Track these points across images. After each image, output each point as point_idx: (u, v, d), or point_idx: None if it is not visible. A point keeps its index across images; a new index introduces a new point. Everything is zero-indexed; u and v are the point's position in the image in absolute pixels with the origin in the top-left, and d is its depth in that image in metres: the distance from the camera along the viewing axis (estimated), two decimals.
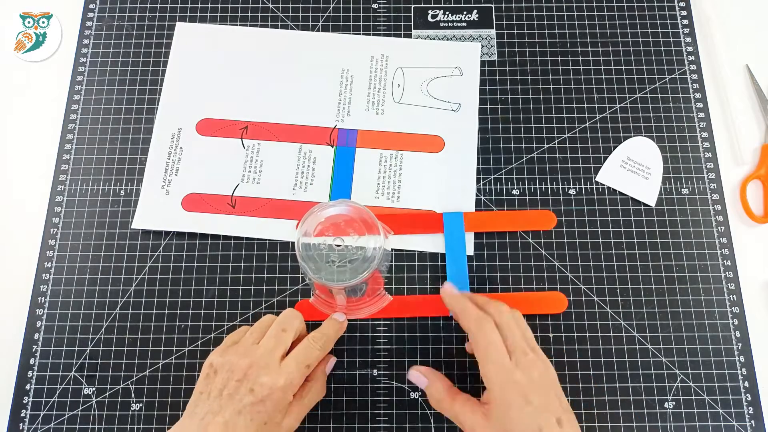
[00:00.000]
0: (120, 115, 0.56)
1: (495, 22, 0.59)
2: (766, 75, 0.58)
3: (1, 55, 0.58)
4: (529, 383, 0.38)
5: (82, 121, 0.56)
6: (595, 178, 0.54)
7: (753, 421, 0.48)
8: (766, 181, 0.54)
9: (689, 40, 0.58)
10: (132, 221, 0.53)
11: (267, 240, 0.52)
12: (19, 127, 0.56)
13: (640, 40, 0.58)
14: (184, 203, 0.53)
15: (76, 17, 0.59)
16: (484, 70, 0.57)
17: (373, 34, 0.59)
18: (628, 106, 0.56)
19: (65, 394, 0.48)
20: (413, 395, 0.49)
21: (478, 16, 0.59)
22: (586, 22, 0.59)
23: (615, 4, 0.59)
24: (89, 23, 0.59)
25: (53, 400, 0.48)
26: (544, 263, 0.52)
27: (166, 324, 0.50)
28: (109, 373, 0.49)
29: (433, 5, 0.60)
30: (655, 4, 0.60)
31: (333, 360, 0.47)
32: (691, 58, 0.58)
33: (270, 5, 0.60)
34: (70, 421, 0.48)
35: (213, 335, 0.50)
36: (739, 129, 0.56)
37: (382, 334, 0.50)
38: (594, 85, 0.57)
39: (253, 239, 0.52)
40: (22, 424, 0.48)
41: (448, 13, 0.59)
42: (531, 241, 0.52)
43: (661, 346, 0.50)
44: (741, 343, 0.50)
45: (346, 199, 0.51)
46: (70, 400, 0.48)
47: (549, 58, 0.58)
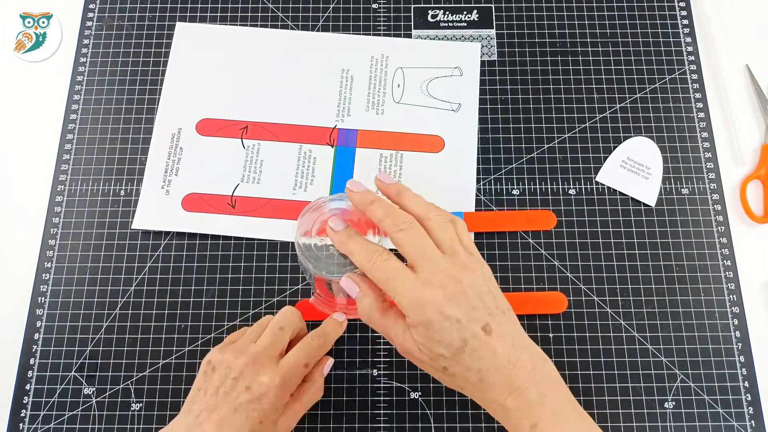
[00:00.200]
0: (120, 115, 0.56)
1: (495, 22, 0.59)
2: (766, 75, 0.58)
3: (1, 55, 0.58)
4: (446, 294, 0.35)
5: (82, 121, 0.56)
6: (595, 178, 0.54)
7: (753, 421, 0.48)
8: (766, 181, 0.54)
9: (689, 40, 0.58)
10: (132, 221, 0.53)
11: (267, 240, 0.52)
12: (19, 127, 0.56)
13: (640, 40, 0.58)
14: (184, 203, 0.53)
15: (76, 17, 0.59)
16: (484, 70, 0.57)
17: (373, 34, 0.59)
18: (628, 106, 0.56)
19: (65, 394, 0.48)
20: (413, 395, 0.49)
21: (478, 16, 0.59)
22: (586, 22, 0.59)
23: (615, 4, 0.59)
24: (89, 23, 0.59)
25: (53, 400, 0.48)
26: (544, 263, 0.52)
27: (166, 324, 0.50)
28: (109, 373, 0.49)
29: (433, 5, 0.60)
30: (655, 4, 0.60)
31: (330, 361, 0.47)
32: (691, 58, 0.58)
33: (270, 5, 0.60)
34: (70, 421, 0.48)
35: (213, 335, 0.50)
36: (739, 129, 0.56)
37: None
38: (594, 85, 0.57)
39: (253, 239, 0.52)
40: (22, 424, 0.48)
41: (448, 13, 0.59)
42: (531, 241, 0.52)
43: (661, 346, 0.50)
44: (741, 343, 0.50)
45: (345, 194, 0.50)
46: (70, 400, 0.48)
47: (549, 58, 0.58)
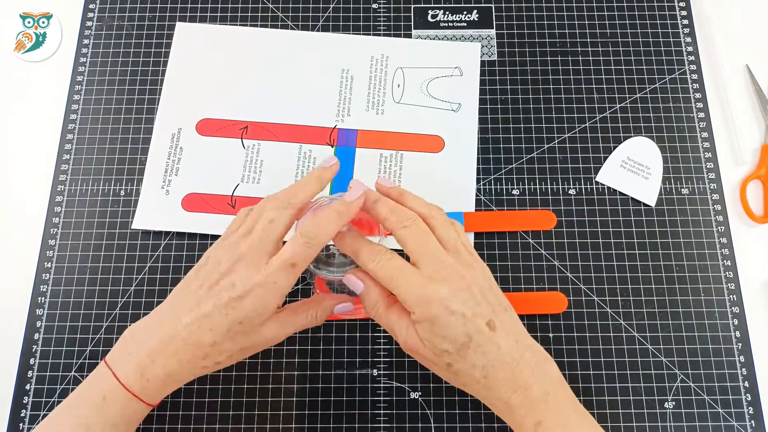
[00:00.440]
0: (120, 115, 0.56)
1: (495, 22, 0.59)
2: (766, 75, 0.58)
3: (1, 55, 0.58)
4: (451, 291, 0.37)
5: (82, 121, 0.56)
6: (595, 178, 0.54)
7: (753, 421, 0.48)
8: (766, 181, 0.54)
9: (689, 40, 0.58)
10: (132, 221, 0.53)
11: None
12: (19, 127, 0.56)
13: (640, 40, 0.58)
14: (184, 203, 0.53)
15: (76, 17, 0.59)
16: (484, 70, 0.57)
17: (373, 34, 0.59)
18: (628, 106, 0.56)
19: (65, 394, 0.48)
20: (413, 395, 0.49)
21: (478, 16, 0.59)
22: (586, 22, 0.59)
23: (615, 4, 0.59)
24: (89, 23, 0.59)
25: (53, 400, 0.48)
26: (544, 263, 0.52)
27: None
28: None
29: (433, 5, 0.60)
30: (655, 4, 0.60)
31: (350, 305, 0.43)
32: (691, 58, 0.58)
33: (270, 5, 0.60)
34: None
35: None
36: (739, 129, 0.56)
37: (382, 334, 0.50)
38: (594, 85, 0.57)
39: None
40: (22, 424, 0.48)
41: (448, 13, 0.59)
42: (531, 241, 0.52)
43: (661, 346, 0.50)
44: (741, 343, 0.50)
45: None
46: None
47: (549, 58, 0.58)
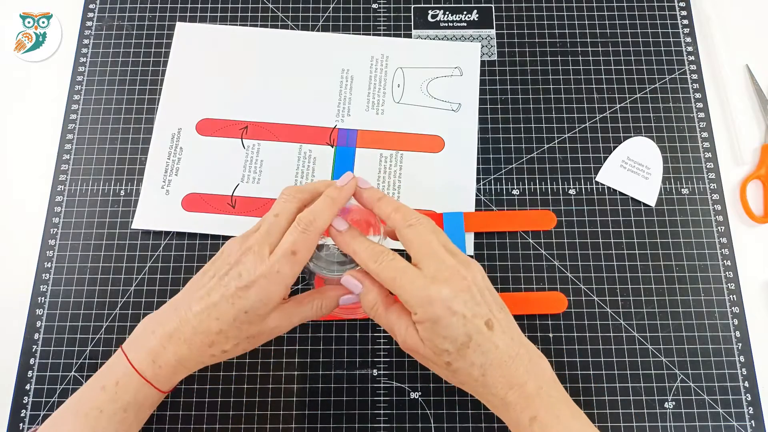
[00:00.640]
0: (120, 115, 0.56)
1: (495, 22, 0.59)
2: (766, 75, 0.58)
3: (1, 55, 0.58)
4: (453, 292, 0.37)
5: (82, 121, 0.56)
6: (595, 178, 0.54)
7: (753, 421, 0.48)
8: (766, 181, 0.54)
9: (689, 40, 0.58)
10: (132, 221, 0.53)
11: None
12: (19, 127, 0.56)
13: (640, 40, 0.58)
14: (184, 203, 0.53)
15: (76, 17, 0.59)
16: (484, 70, 0.57)
17: (373, 34, 0.59)
18: (628, 106, 0.56)
19: (65, 394, 0.48)
20: (413, 395, 0.49)
21: (478, 16, 0.59)
22: (586, 22, 0.59)
23: (615, 4, 0.59)
24: (89, 23, 0.59)
25: (53, 400, 0.48)
26: (544, 263, 0.52)
27: None
28: None
29: (433, 5, 0.60)
30: (655, 4, 0.60)
31: (353, 297, 0.42)
32: (691, 58, 0.58)
33: (270, 5, 0.60)
34: None
35: None
36: (739, 129, 0.56)
37: (382, 334, 0.50)
38: (594, 85, 0.57)
39: None
40: (22, 424, 0.48)
41: (448, 13, 0.59)
42: (531, 241, 0.52)
43: (661, 346, 0.50)
44: (741, 343, 0.50)
45: None
46: None
47: (549, 58, 0.58)
